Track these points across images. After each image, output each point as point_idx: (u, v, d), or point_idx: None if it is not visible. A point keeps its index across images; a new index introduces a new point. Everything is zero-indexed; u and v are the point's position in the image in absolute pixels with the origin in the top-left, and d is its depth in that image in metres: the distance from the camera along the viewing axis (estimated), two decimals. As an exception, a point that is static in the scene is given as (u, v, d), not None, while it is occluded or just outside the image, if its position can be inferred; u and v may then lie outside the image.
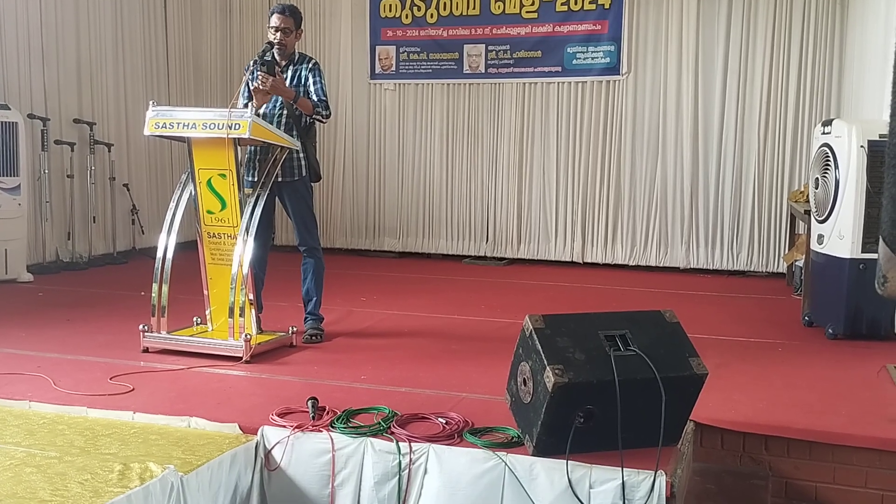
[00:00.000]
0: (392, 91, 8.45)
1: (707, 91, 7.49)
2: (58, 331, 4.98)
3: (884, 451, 3.25)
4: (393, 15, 8.33)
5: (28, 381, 3.89)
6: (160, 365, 4.24)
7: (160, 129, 4.48)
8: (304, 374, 4.14)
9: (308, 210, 4.89)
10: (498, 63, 8.06)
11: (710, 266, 7.58)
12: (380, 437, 3.18)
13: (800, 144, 7.30)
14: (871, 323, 4.82)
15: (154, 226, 7.58)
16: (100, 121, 7.79)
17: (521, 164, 8.09)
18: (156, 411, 3.45)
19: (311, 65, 4.80)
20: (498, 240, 8.24)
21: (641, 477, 2.85)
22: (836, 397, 3.79)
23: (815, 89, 7.24)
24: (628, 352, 2.94)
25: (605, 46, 7.72)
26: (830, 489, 3.34)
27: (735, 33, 7.37)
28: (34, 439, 3.17)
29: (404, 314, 5.65)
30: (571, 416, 2.88)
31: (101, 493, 2.64)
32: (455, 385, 3.89)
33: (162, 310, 4.52)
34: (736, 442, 3.45)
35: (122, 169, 8.04)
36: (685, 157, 7.58)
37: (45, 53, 7.27)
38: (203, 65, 9.01)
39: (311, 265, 4.89)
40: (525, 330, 3.01)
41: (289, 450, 3.21)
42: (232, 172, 4.42)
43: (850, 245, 4.73)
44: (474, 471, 3.02)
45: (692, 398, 3.06)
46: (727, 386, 3.86)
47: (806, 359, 4.51)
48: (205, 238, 4.61)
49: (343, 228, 8.71)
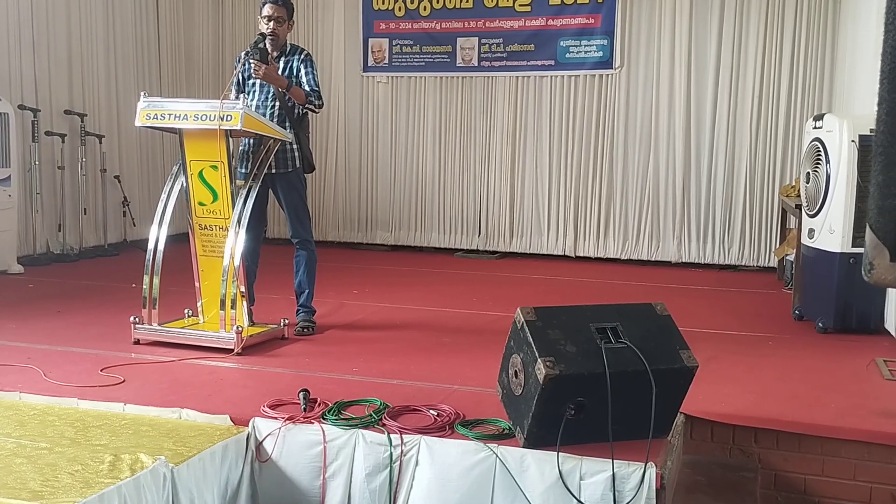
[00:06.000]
0: (385, 84, 8.43)
1: (699, 85, 7.51)
2: (48, 322, 4.96)
3: (872, 444, 3.27)
4: (386, 7, 8.31)
5: (18, 372, 3.89)
6: (151, 357, 4.23)
7: (151, 121, 4.47)
8: (295, 366, 4.14)
9: (301, 202, 4.88)
10: (491, 56, 8.05)
11: (701, 260, 7.60)
12: (371, 428, 3.18)
13: (791, 139, 7.33)
14: (861, 317, 4.86)
15: (145, 218, 7.54)
16: (91, 112, 7.75)
17: (513, 158, 8.09)
18: (147, 403, 3.45)
19: (303, 56, 4.78)
20: (490, 233, 8.25)
21: (631, 469, 2.86)
22: (825, 390, 3.81)
23: (807, 84, 7.27)
24: (619, 344, 2.95)
25: (598, 40, 7.72)
26: (819, 481, 3.36)
27: (728, 28, 7.38)
28: (24, 430, 3.16)
29: (396, 307, 5.65)
30: (562, 409, 2.88)
31: (92, 484, 2.64)
32: (446, 377, 3.90)
33: (153, 302, 4.51)
34: (726, 434, 3.47)
35: (113, 160, 8.01)
36: (677, 152, 7.59)
37: (35, 44, 7.23)
38: (195, 56, 8.97)
39: (303, 257, 4.88)
40: (517, 322, 3.02)
41: (280, 441, 3.21)
42: (224, 164, 4.42)
43: (841, 239, 4.76)
44: (465, 462, 3.02)
45: (682, 391, 3.07)
46: (717, 379, 3.88)
47: (796, 352, 4.53)
48: (196, 230, 4.60)
49: (335, 221, 8.70)
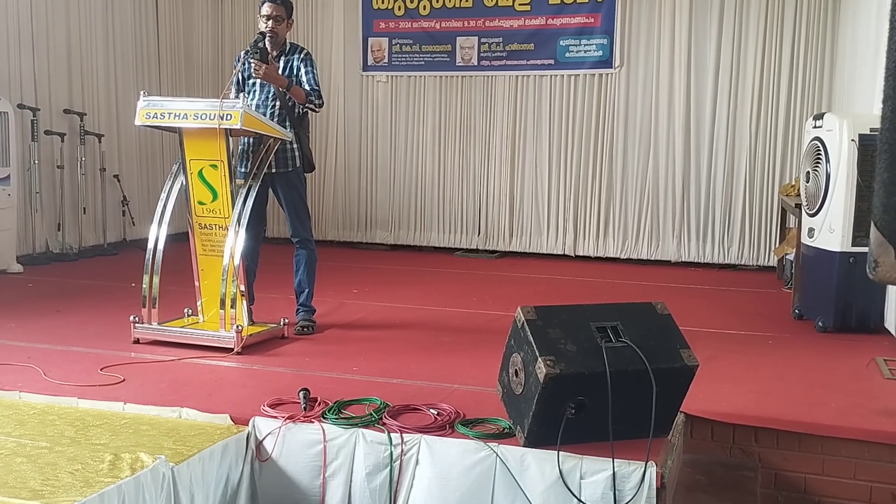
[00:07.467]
0: (384, 83, 8.43)
1: (699, 84, 7.50)
2: (48, 322, 4.96)
3: (872, 443, 3.27)
4: (385, 7, 8.30)
5: (18, 371, 3.88)
6: (151, 356, 4.23)
7: (151, 120, 4.47)
8: (295, 365, 4.14)
9: (301, 201, 4.87)
10: (491, 55, 8.04)
11: (701, 259, 7.60)
12: (371, 428, 3.18)
13: (791, 138, 7.33)
14: (861, 316, 4.85)
15: (145, 217, 7.54)
16: (90, 111, 7.74)
17: (513, 157, 8.09)
18: (147, 402, 3.45)
19: (302, 55, 4.77)
20: (490, 232, 8.24)
21: (632, 468, 2.86)
22: (825, 389, 3.81)
23: (807, 83, 7.26)
24: (619, 343, 2.95)
25: (598, 39, 7.72)
26: (819, 480, 3.36)
27: (727, 27, 7.38)
28: (24, 429, 3.16)
29: (396, 306, 5.65)
30: (563, 408, 2.88)
31: (92, 483, 2.64)
32: (446, 376, 3.90)
33: (153, 301, 4.51)
34: (726, 433, 3.47)
35: (112, 159, 8.01)
36: (677, 151, 7.59)
37: (35, 43, 7.22)
38: (195, 55, 8.96)
39: (303, 256, 4.87)
40: (517, 321, 3.02)
41: (280, 441, 3.21)
42: (223, 163, 4.41)
43: (841, 238, 4.76)
44: (466, 462, 3.02)
45: (683, 390, 3.07)
46: (718, 378, 3.87)
47: (796, 351, 4.53)
48: (196, 229, 4.60)
49: (335, 221, 8.69)
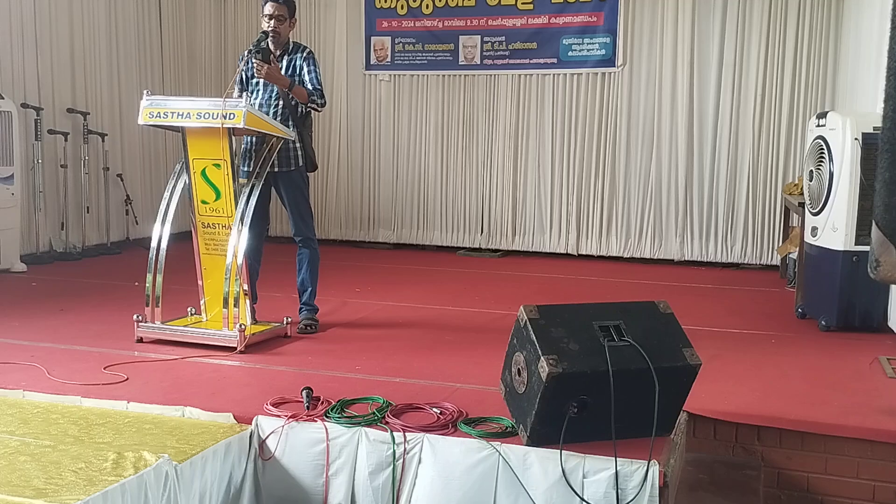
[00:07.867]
0: (387, 82, 8.43)
1: (702, 83, 7.50)
2: (51, 321, 4.97)
3: (875, 442, 3.26)
4: (388, 5, 8.30)
5: (22, 370, 3.89)
6: (154, 355, 4.23)
7: (154, 119, 4.47)
8: (298, 364, 4.14)
9: (304, 200, 4.87)
10: (493, 54, 8.04)
11: (704, 258, 7.59)
12: (374, 426, 3.18)
13: (794, 137, 7.32)
14: (864, 315, 4.85)
15: (148, 216, 7.54)
16: (93, 110, 7.75)
17: (516, 156, 8.09)
18: (150, 401, 3.45)
19: (305, 54, 4.78)
20: (493, 231, 8.24)
21: (635, 467, 2.86)
22: (828, 388, 3.81)
23: (810, 82, 7.25)
24: (622, 342, 2.95)
25: (601, 38, 7.71)
26: (822, 479, 3.36)
27: (730, 25, 7.37)
28: (28, 428, 3.17)
29: (399, 305, 5.65)
30: (565, 406, 2.88)
31: (96, 482, 2.64)
32: (449, 375, 3.90)
33: (156, 300, 4.52)
34: (729, 432, 3.47)
35: (115, 159, 8.02)
36: (680, 150, 7.58)
37: (38, 42, 7.23)
38: (197, 54, 8.97)
39: (306, 255, 4.88)
40: (520, 320, 3.02)
41: (283, 439, 3.22)
42: (226, 162, 4.42)
43: (844, 237, 4.75)
44: (468, 460, 3.02)
45: (685, 389, 3.07)
46: (720, 377, 3.87)
47: (799, 350, 4.53)
48: (199, 228, 4.60)
49: (338, 219, 8.70)
